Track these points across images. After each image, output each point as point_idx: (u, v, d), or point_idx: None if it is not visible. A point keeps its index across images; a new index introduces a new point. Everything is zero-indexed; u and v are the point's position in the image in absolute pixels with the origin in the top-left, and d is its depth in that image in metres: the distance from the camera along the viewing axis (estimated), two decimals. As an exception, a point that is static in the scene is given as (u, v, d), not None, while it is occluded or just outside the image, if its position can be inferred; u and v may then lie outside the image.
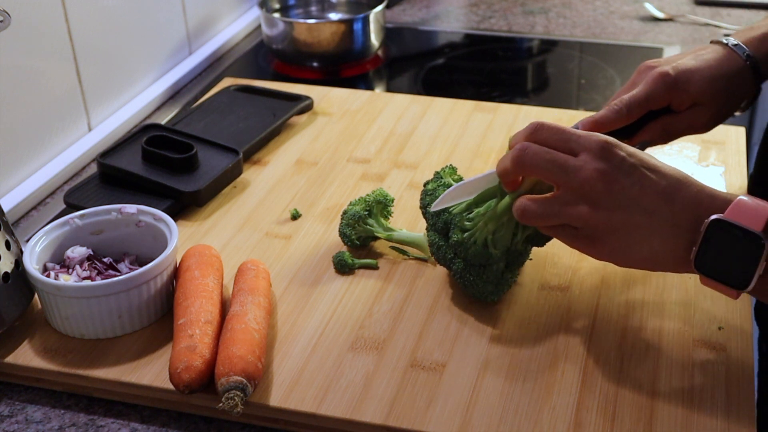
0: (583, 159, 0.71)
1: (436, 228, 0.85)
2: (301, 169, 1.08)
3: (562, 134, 0.74)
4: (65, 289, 0.80)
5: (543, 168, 0.73)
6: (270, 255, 0.93)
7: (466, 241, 0.81)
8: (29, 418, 0.77)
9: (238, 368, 0.71)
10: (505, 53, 1.51)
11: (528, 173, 0.75)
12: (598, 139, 0.72)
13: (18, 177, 1.08)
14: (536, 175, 0.75)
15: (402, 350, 0.79)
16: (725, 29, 1.52)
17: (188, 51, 1.42)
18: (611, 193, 0.70)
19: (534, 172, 0.74)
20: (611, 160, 0.71)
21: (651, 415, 0.72)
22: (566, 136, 0.73)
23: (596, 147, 0.71)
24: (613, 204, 0.71)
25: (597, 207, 0.71)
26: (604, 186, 0.70)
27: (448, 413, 0.73)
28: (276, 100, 1.20)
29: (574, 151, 0.72)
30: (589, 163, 0.71)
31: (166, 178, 1.00)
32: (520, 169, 0.74)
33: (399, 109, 1.22)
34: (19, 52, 1.05)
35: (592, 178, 0.70)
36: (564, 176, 0.72)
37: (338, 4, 1.54)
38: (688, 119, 0.88)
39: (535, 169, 0.73)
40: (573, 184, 0.71)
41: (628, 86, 0.88)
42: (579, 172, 0.71)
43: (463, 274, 0.82)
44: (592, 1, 1.69)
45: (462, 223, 0.81)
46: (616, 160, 0.71)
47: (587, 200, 0.71)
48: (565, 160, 0.72)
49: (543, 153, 0.73)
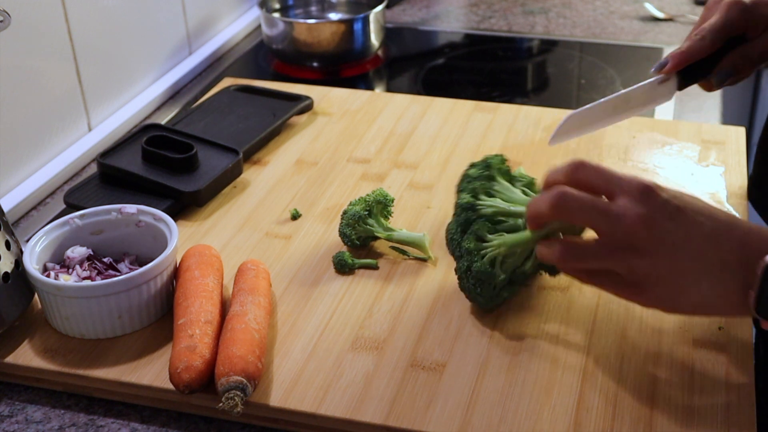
0: (625, 204, 0.68)
1: (459, 219, 0.84)
2: (301, 169, 1.08)
3: (603, 175, 0.70)
4: (65, 289, 0.80)
5: (583, 215, 0.70)
6: (270, 255, 0.93)
7: (475, 252, 0.80)
8: (29, 418, 0.77)
9: (238, 368, 0.72)
10: (505, 53, 1.51)
11: (566, 219, 0.73)
12: (640, 183, 0.69)
13: (18, 177, 1.08)
14: (575, 221, 0.72)
15: (402, 350, 0.79)
16: (725, 29, 1.52)
17: (188, 51, 1.42)
18: (655, 238, 0.67)
19: (573, 219, 0.72)
20: (654, 203, 0.68)
21: (651, 415, 0.72)
22: (607, 177, 0.70)
23: (638, 191, 0.68)
24: (659, 250, 0.67)
25: (641, 254, 0.68)
26: (648, 232, 0.67)
27: (448, 413, 0.73)
28: (276, 100, 1.20)
29: (615, 194, 0.69)
30: (631, 209, 0.67)
31: (166, 178, 1.00)
32: (558, 215, 0.71)
33: (399, 109, 1.22)
34: (19, 52, 1.05)
35: (635, 225, 0.67)
36: (606, 223, 0.68)
37: (338, 4, 1.54)
38: (763, 44, 0.88)
39: (575, 216, 0.70)
40: (615, 231, 0.68)
41: (700, 21, 0.88)
42: (621, 219, 0.67)
43: (463, 276, 0.82)
44: (592, 1, 1.69)
45: (482, 231, 0.80)
46: (659, 204, 0.68)
47: (631, 247, 0.68)
48: (606, 207, 0.68)
49: (583, 200, 0.69)
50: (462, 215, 0.83)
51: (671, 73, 0.88)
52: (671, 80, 0.89)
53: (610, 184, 0.70)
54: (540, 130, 1.15)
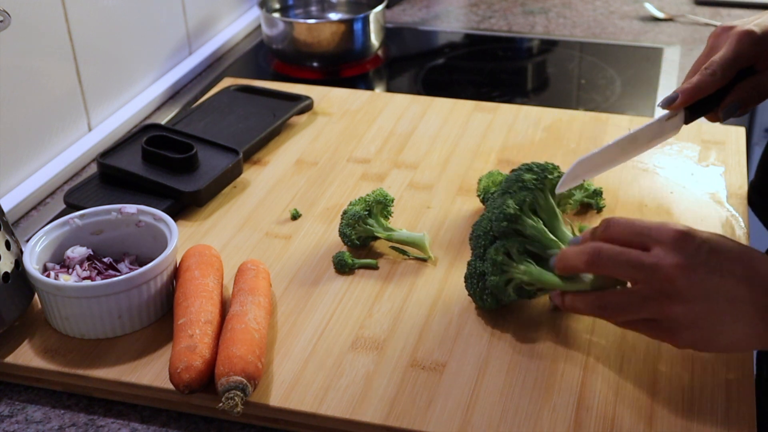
0: (658, 254, 0.70)
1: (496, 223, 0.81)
2: (301, 169, 1.08)
3: (633, 228, 0.72)
4: (65, 289, 0.80)
5: (618, 269, 0.72)
6: (270, 255, 0.93)
7: (499, 267, 0.79)
8: (29, 418, 0.77)
9: (238, 368, 0.72)
10: (505, 53, 1.51)
11: (602, 273, 0.74)
12: (672, 231, 0.70)
13: (18, 177, 1.08)
14: (612, 275, 0.74)
15: (402, 350, 0.79)
16: (725, 29, 1.52)
17: (188, 51, 1.42)
18: (691, 285, 0.69)
19: (608, 273, 0.73)
20: (686, 250, 0.69)
21: (651, 415, 0.72)
22: (638, 229, 0.72)
23: (670, 239, 0.70)
24: (694, 295, 0.69)
25: (677, 300, 0.69)
26: (683, 279, 0.69)
27: (448, 413, 0.73)
28: (276, 100, 1.20)
29: (648, 245, 0.71)
30: (664, 258, 0.69)
31: (166, 178, 1.00)
32: (593, 270, 0.73)
33: (399, 109, 1.22)
34: (19, 52, 1.05)
35: (670, 274, 0.69)
36: (641, 275, 0.70)
37: (338, 4, 1.54)
38: None
39: (610, 270, 0.72)
40: (651, 281, 0.70)
41: (706, 52, 0.87)
42: (656, 270, 0.69)
43: (474, 276, 0.82)
44: (592, 1, 1.69)
45: (513, 250, 0.79)
46: (692, 251, 0.69)
47: (666, 295, 0.69)
48: (639, 259, 0.70)
49: (617, 255, 0.71)
50: (502, 222, 0.80)
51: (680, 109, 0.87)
52: (678, 115, 0.87)
53: (642, 236, 0.71)
54: (540, 130, 1.15)
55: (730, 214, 0.97)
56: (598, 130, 1.15)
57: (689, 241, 0.70)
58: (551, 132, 1.15)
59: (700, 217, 0.97)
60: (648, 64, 1.41)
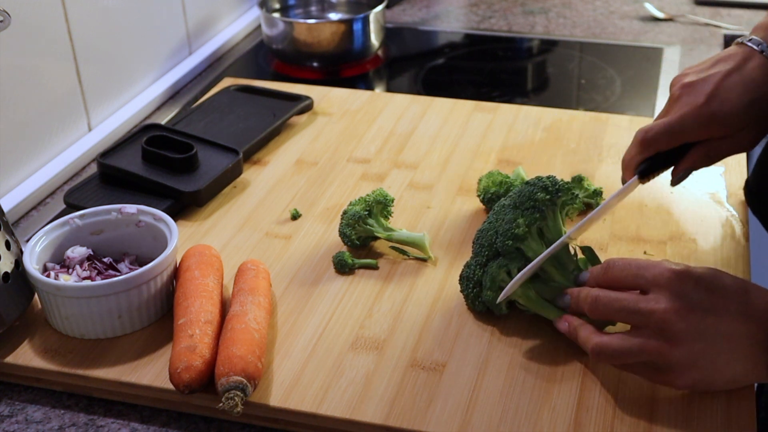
0: (655, 298, 0.71)
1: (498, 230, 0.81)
2: (301, 169, 1.08)
3: (631, 270, 0.73)
4: (65, 289, 0.80)
5: (616, 315, 0.73)
6: (270, 255, 0.93)
7: (495, 282, 0.80)
8: (29, 418, 0.77)
9: (238, 368, 0.71)
10: (505, 53, 1.51)
11: (603, 318, 0.75)
12: (665, 273, 0.71)
13: (18, 177, 1.08)
14: (611, 319, 0.75)
15: (402, 350, 0.79)
16: (725, 29, 1.52)
17: (188, 51, 1.42)
18: (688, 327, 0.69)
19: (609, 318, 0.75)
20: (682, 292, 0.70)
21: (651, 415, 0.72)
22: (634, 272, 0.73)
23: (664, 282, 0.71)
24: (691, 337, 0.69)
25: (675, 343, 0.70)
26: (680, 323, 0.69)
27: (448, 413, 0.73)
28: (276, 100, 1.20)
29: (645, 287, 0.72)
30: (661, 302, 0.70)
31: (166, 178, 1.00)
32: (595, 316, 0.75)
33: (399, 109, 1.22)
34: (19, 52, 1.05)
35: (666, 318, 0.69)
36: (639, 319, 0.71)
37: (338, 4, 1.54)
38: (730, 143, 0.86)
39: (609, 316, 0.74)
40: (648, 325, 0.71)
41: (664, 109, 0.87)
42: (653, 314, 0.70)
43: (467, 278, 0.83)
44: (592, 1, 1.69)
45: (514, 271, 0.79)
46: (687, 292, 0.70)
47: (664, 338, 0.70)
48: (636, 305, 0.71)
49: (614, 302, 0.72)
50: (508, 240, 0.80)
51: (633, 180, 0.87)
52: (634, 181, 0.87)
53: (638, 278, 0.73)
54: (540, 130, 1.15)
55: (730, 214, 0.97)
56: (598, 130, 1.15)
57: (684, 283, 0.70)
58: (551, 132, 1.15)
59: (700, 217, 0.97)
60: (648, 64, 1.41)
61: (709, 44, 1.47)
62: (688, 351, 0.70)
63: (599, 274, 0.76)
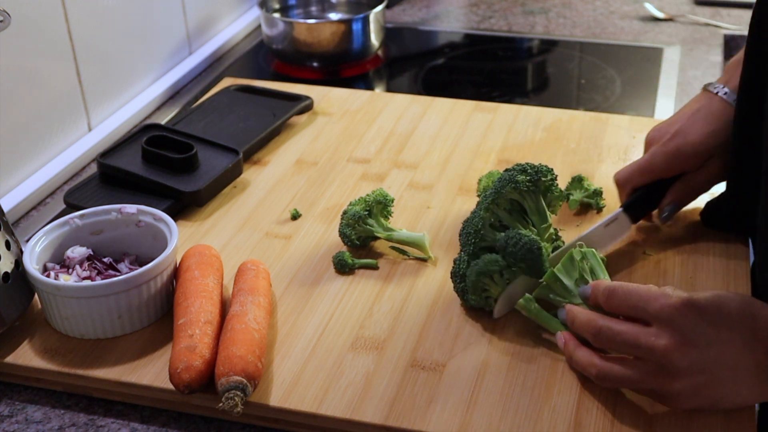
0: (656, 333, 0.70)
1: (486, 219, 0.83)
2: (301, 169, 1.08)
3: (632, 301, 0.72)
4: (65, 289, 0.80)
5: (618, 348, 0.73)
6: (270, 255, 0.93)
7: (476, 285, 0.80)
8: (29, 418, 0.77)
9: (238, 368, 0.71)
10: (505, 53, 1.51)
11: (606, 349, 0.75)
12: (667, 308, 0.70)
13: (18, 177, 1.08)
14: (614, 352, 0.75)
15: (402, 350, 0.79)
16: (725, 29, 1.52)
17: (188, 51, 1.42)
18: (690, 362, 0.69)
19: (612, 350, 0.75)
20: (684, 326, 0.69)
21: (651, 415, 0.72)
22: (635, 302, 0.72)
23: (667, 317, 0.70)
24: (693, 370, 0.69)
25: (677, 376, 0.70)
26: (682, 358, 0.69)
27: (448, 413, 0.73)
28: (276, 100, 1.20)
29: (646, 320, 0.71)
30: (662, 337, 0.69)
31: (166, 178, 1.00)
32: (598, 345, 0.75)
33: (399, 109, 1.22)
34: (19, 52, 1.05)
35: (667, 354, 0.69)
36: (639, 353, 0.71)
37: (338, 4, 1.54)
38: (705, 174, 0.91)
39: (612, 348, 0.74)
40: (650, 358, 0.70)
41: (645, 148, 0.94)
42: (654, 349, 0.70)
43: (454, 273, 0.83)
44: (592, 1, 1.69)
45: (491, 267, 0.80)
46: (689, 325, 0.69)
47: (666, 372, 0.70)
48: (636, 339, 0.71)
49: (617, 336, 0.72)
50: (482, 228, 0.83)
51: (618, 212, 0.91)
52: (622, 219, 0.91)
53: (638, 310, 0.72)
54: (540, 130, 1.15)
55: (730, 214, 0.97)
56: (598, 130, 1.15)
57: (686, 317, 0.70)
58: (551, 132, 1.15)
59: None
60: (648, 64, 1.41)
61: (709, 44, 1.47)
62: (690, 383, 0.70)
63: (601, 299, 0.75)
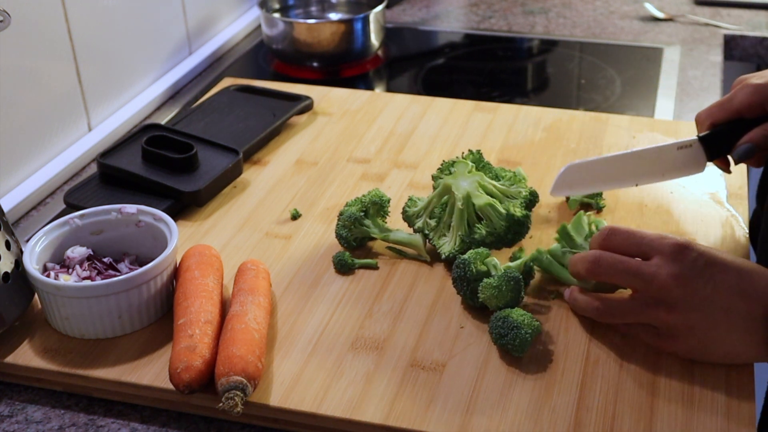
0: (656, 263, 0.73)
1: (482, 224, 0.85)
2: (301, 169, 1.08)
3: (634, 239, 0.75)
4: (65, 289, 0.80)
5: (617, 277, 0.75)
6: (270, 255, 0.93)
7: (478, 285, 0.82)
8: (29, 418, 0.77)
9: (238, 368, 0.72)
10: (505, 53, 1.51)
11: (602, 280, 0.77)
12: (669, 242, 0.73)
13: (18, 177, 1.08)
14: (611, 281, 0.77)
15: (402, 350, 0.79)
16: (725, 29, 1.52)
17: (188, 51, 1.42)
18: (686, 294, 0.72)
19: (609, 280, 0.77)
20: (683, 261, 0.72)
21: (651, 415, 0.72)
22: (638, 240, 0.75)
23: (668, 250, 0.73)
24: (690, 305, 0.72)
25: (674, 309, 0.72)
26: (679, 289, 0.72)
27: (448, 413, 0.73)
28: (276, 100, 1.20)
29: (647, 254, 0.74)
30: (662, 268, 0.72)
31: (166, 178, 1.00)
32: (594, 277, 0.77)
33: (399, 109, 1.22)
34: (19, 52, 1.05)
35: (667, 283, 0.72)
36: (639, 283, 0.73)
37: (338, 4, 1.54)
38: None
39: (610, 278, 0.76)
40: (649, 289, 0.73)
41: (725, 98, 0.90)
42: (654, 279, 0.72)
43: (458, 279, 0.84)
44: (592, 1, 1.69)
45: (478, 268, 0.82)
46: (689, 262, 0.72)
47: (664, 303, 0.73)
48: (638, 268, 0.73)
49: (616, 263, 0.75)
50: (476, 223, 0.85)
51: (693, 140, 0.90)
52: (697, 150, 0.90)
53: (641, 246, 0.75)
54: (540, 130, 1.15)
55: (730, 214, 0.97)
56: (598, 130, 1.15)
57: (687, 253, 0.72)
58: (551, 132, 1.15)
59: (700, 217, 0.97)
60: (648, 64, 1.41)
61: (709, 44, 1.47)
62: (686, 318, 0.72)
63: (601, 239, 0.77)
